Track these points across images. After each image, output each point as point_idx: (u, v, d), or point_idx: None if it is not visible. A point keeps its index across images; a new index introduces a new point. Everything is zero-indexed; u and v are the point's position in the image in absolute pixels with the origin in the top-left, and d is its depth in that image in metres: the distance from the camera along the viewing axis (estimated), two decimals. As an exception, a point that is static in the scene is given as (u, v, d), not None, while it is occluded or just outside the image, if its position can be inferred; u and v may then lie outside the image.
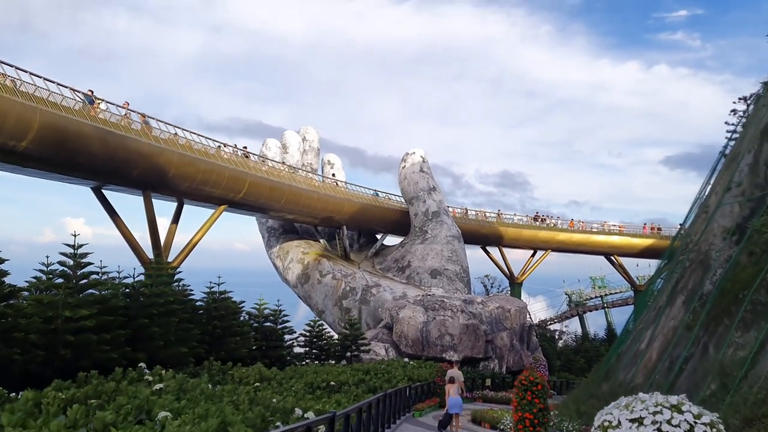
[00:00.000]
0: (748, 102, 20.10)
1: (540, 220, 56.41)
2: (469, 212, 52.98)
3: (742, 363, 11.01)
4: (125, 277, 20.08)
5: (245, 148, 35.89)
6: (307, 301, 40.57)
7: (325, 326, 29.63)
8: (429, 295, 34.54)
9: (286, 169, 37.49)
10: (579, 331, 77.92)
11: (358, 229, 46.97)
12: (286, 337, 27.58)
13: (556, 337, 63.45)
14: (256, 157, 37.67)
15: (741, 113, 20.28)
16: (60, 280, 17.26)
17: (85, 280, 17.86)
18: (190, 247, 30.40)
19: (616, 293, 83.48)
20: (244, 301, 25.39)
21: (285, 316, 27.47)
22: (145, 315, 18.60)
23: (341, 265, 41.18)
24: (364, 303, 37.35)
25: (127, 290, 19.69)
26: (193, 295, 23.54)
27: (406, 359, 28.09)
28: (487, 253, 57.56)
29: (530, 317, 39.73)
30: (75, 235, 17.58)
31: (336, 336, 30.22)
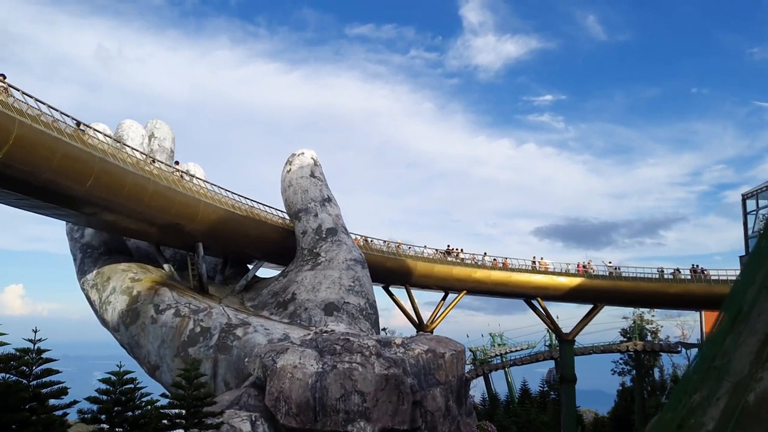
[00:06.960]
0: None
1: (454, 254, 46.43)
2: (373, 241, 41.73)
3: None
4: None
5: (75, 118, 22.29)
6: (135, 351, 26.32)
7: (140, 382, 16.45)
8: (325, 332, 22.36)
9: (103, 138, 23.98)
10: (485, 392, 69.99)
11: (222, 252, 33.86)
12: (53, 402, 14.14)
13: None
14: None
15: None
16: None
17: None
18: None
19: (515, 351, 78.04)
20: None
21: (50, 361, 14.08)
22: None
23: (191, 297, 27.80)
24: (222, 350, 24.24)
25: None
26: None
27: (288, 438, 15.61)
28: (390, 295, 46.35)
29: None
30: None
31: (164, 401, 16.83)
